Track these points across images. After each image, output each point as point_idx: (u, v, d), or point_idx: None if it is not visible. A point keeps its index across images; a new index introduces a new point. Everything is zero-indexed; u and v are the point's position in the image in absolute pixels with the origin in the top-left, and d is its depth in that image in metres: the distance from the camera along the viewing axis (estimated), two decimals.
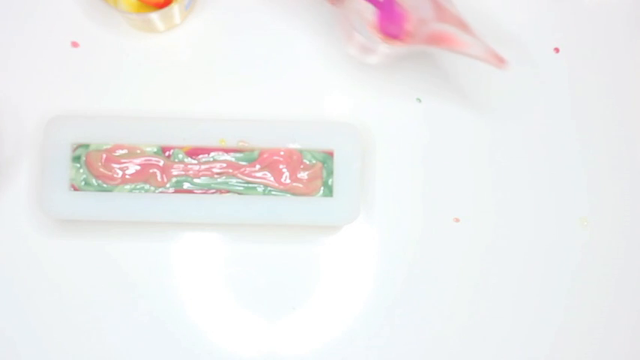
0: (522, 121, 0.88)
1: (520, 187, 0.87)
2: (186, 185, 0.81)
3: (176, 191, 0.81)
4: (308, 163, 0.82)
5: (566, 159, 0.88)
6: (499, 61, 0.76)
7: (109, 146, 0.81)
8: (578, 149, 0.88)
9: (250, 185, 0.81)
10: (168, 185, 0.81)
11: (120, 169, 0.80)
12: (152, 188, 0.80)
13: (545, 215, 0.87)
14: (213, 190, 0.81)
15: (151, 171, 0.80)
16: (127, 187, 0.80)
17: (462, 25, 0.77)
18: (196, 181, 0.81)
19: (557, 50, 0.88)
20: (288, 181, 0.81)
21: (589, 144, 0.88)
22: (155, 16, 0.80)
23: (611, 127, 0.89)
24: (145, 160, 0.81)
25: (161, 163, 0.81)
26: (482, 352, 0.85)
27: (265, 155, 0.81)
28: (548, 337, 0.85)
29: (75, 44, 0.86)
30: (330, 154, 0.82)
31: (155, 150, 0.81)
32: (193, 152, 0.81)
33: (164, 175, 0.81)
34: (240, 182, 0.81)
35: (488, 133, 0.88)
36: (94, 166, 0.80)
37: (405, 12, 0.77)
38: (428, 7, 0.77)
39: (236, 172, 0.81)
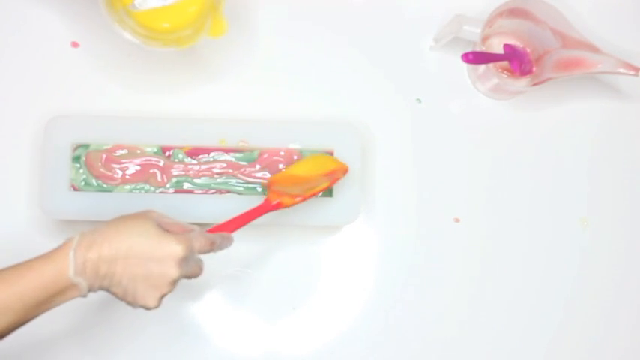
0: (523, 122, 0.88)
1: (520, 187, 0.87)
2: (186, 185, 0.81)
3: (176, 191, 0.80)
4: None
5: (566, 160, 0.88)
6: (634, 70, 0.79)
7: (109, 146, 0.81)
8: (578, 150, 0.88)
9: (250, 185, 0.81)
10: (168, 185, 0.81)
11: (120, 169, 0.80)
12: (152, 188, 0.80)
13: (545, 216, 0.87)
14: (213, 191, 0.81)
15: (151, 171, 0.80)
16: (127, 187, 0.80)
17: (589, 47, 0.81)
18: (196, 181, 0.81)
19: None
20: None
21: (589, 145, 0.88)
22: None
23: (611, 128, 0.89)
24: (145, 161, 0.81)
25: (161, 164, 0.80)
26: (482, 351, 0.85)
27: (265, 155, 0.81)
28: (548, 336, 0.85)
29: (75, 44, 0.86)
30: (330, 154, 0.82)
31: (155, 150, 0.81)
32: (193, 152, 0.81)
33: (164, 176, 0.81)
34: (240, 182, 0.81)
35: (488, 134, 0.88)
36: (94, 167, 0.80)
37: (527, 51, 0.86)
38: (551, 38, 0.82)
39: (236, 172, 0.81)
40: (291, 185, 0.77)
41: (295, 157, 0.81)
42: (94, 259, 0.62)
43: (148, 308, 0.65)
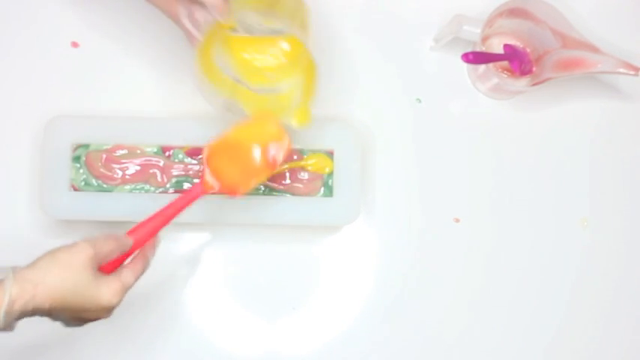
0: (523, 122, 0.88)
1: (520, 187, 0.87)
2: (186, 185, 0.81)
3: (176, 191, 0.80)
4: None
5: (566, 160, 0.88)
6: (634, 70, 0.80)
7: (109, 146, 0.81)
8: (579, 150, 0.88)
9: None
10: (168, 185, 0.80)
11: (120, 169, 0.80)
12: (152, 188, 0.80)
13: (545, 216, 0.87)
14: None
15: (151, 171, 0.80)
16: (127, 187, 0.80)
17: (588, 47, 0.81)
18: (196, 181, 0.81)
19: None
20: (288, 181, 0.81)
21: (589, 145, 0.88)
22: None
23: (611, 128, 0.89)
24: (145, 161, 0.81)
25: (161, 164, 0.80)
26: (482, 351, 0.85)
27: None
28: (549, 335, 0.85)
29: (75, 44, 0.86)
30: (330, 154, 0.82)
31: (155, 150, 0.81)
32: (193, 152, 0.81)
33: (164, 176, 0.81)
34: None
35: (488, 134, 0.88)
36: (94, 167, 0.80)
37: (527, 51, 0.86)
38: (551, 38, 0.82)
39: None
40: (228, 161, 0.75)
41: (295, 157, 0.81)
42: (29, 311, 0.61)
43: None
